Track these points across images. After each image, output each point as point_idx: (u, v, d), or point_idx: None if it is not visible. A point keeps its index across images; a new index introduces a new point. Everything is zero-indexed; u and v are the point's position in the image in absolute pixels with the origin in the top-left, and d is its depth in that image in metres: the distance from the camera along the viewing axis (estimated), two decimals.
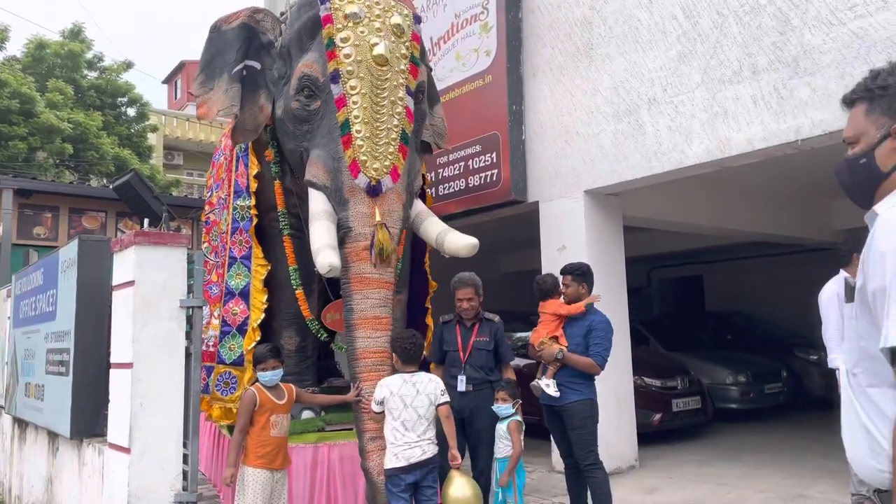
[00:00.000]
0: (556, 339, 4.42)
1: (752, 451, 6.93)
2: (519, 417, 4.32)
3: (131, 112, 20.57)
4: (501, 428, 4.31)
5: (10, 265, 9.21)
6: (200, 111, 4.82)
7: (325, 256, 3.93)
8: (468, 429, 4.54)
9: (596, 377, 4.50)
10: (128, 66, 20.20)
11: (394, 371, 4.04)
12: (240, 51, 4.85)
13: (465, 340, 4.61)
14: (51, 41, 18.81)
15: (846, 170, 1.63)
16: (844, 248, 4.43)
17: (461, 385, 4.53)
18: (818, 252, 10.14)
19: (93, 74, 19.76)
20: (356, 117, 4.20)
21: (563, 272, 4.62)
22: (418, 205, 4.79)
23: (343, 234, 4.17)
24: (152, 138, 21.48)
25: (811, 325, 10.37)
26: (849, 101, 1.63)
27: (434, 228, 4.70)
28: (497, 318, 4.71)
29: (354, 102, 4.23)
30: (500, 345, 4.66)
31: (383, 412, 3.87)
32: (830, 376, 9.29)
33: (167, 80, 31.73)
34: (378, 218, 4.13)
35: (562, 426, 4.47)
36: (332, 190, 4.24)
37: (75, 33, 19.39)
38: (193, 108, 26.74)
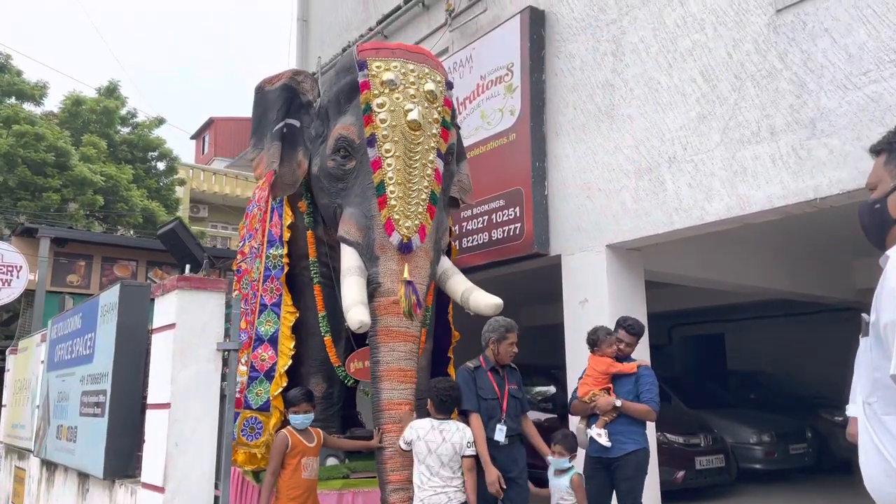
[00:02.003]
0: (607, 391, 4.45)
1: None
2: (578, 470, 4.21)
3: (161, 166, 21.19)
4: (562, 484, 4.16)
5: (43, 311, 9.47)
6: (256, 173, 5.18)
7: (357, 314, 4.10)
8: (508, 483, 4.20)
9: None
10: (160, 122, 20.92)
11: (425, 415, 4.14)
12: (280, 110, 5.15)
13: (501, 388, 4.38)
14: (87, 97, 19.57)
15: (866, 213, 1.77)
16: None
17: (500, 435, 4.25)
18: (840, 312, 10.12)
19: (126, 130, 20.48)
20: (390, 178, 4.43)
21: (629, 332, 4.68)
22: (445, 262, 4.96)
23: (373, 290, 4.36)
24: (179, 191, 22.04)
25: (835, 385, 10.24)
26: (875, 151, 1.79)
27: (460, 286, 4.85)
28: (516, 366, 4.60)
29: (389, 164, 4.46)
30: (523, 394, 4.57)
31: (411, 451, 3.96)
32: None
33: (196, 136, 32.65)
34: (406, 275, 4.31)
35: (606, 478, 4.40)
36: (364, 246, 4.44)
37: (111, 90, 20.18)
38: (219, 162, 27.42)
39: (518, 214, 6.85)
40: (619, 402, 4.31)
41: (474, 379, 4.39)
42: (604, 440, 4.32)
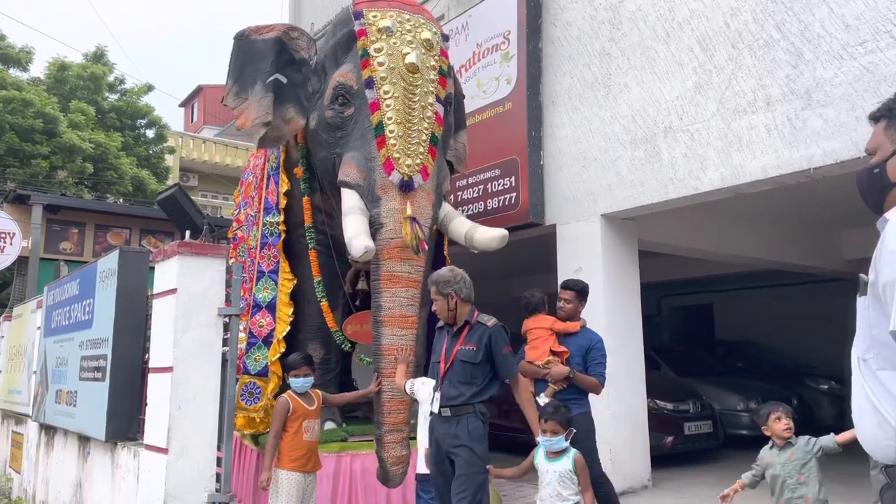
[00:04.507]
0: (557, 354, 4.32)
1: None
2: (576, 451, 3.55)
3: (150, 133, 20.95)
4: (557, 468, 3.47)
5: (37, 278, 9.46)
6: (239, 122, 5.00)
7: (361, 240, 4.07)
8: (440, 467, 3.64)
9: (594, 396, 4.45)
10: (148, 88, 20.64)
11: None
12: (274, 63, 5.01)
13: (448, 350, 3.70)
14: (73, 63, 19.25)
15: (864, 178, 1.82)
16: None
17: (435, 405, 3.64)
18: (828, 283, 10.27)
19: (114, 97, 20.19)
20: (389, 118, 4.45)
21: (565, 287, 4.58)
22: (446, 206, 4.97)
23: (375, 231, 4.34)
24: (169, 160, 21.83)
25: (821, 354, 10.40)
26: (874, 118, 1.83)
27: (462, 226, 4.87)
28: (491, 322, 3.72)
29: (388, 105, 4.47)
30: (495, 355, 3.63)
31: (409, 397, 3.99)
32: (841, 405, 9.37)
33: (184, 104, 32.21)
34: (409, 212, 4.31)
35: None
36: (365, 188, 4.45)
37: (98, 56, 19.84)
38: (209, 130, 27.10)
39: (513, 184, 6.88)
40: (572, 374, 4.23)
41: (434, 341, 3.94)
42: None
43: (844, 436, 3.29)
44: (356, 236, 4.13)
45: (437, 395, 3.63)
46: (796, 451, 3.51)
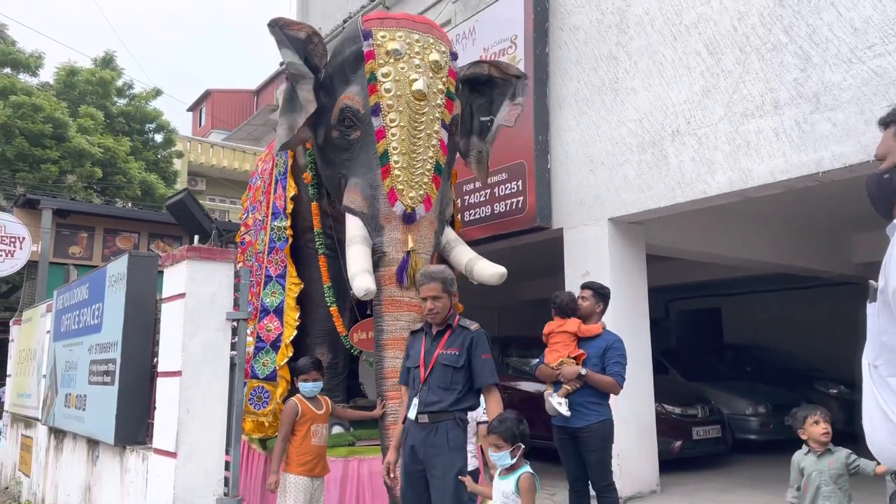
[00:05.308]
0: (574, 358, 4.30)
1: (774, 480, 6.95)
2: (529, 468, 3.17)
3: (158, 138, 21.07)
4: (505, 487, 3.15)
5: (46, 282, 9.53)
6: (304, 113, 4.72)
7: (362, 281, 4.12)
8: (410, 478, 3.50)
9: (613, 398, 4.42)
10: (157, 93, 20.76)
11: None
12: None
13: (428, 354, 3.55)
14: (82, 68, 19.40)
15: (874, 183, 1.81)
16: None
17: (411, 411, 3.50)
18: (837, 286, 10.22)
19: (122, 101, 20.32)
20: (394, 148, 4.45)
21: (584, 286, 4.65)
22: (449, 233, 4.99)
23: (377, 259, 4.38)
24: (177, 164, 21.94)
25: (830, 358, 10.34)
26: (884, 123, 1.83)
27: (464, 256, 4.88)
28: (475, 327, 3.57)
29: (393, 134, 4.47)
30: (474, 360, 3.47)
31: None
32: (851, 410, 9.30)
33: (192, 108, 32.37)
34: (411, 244, 4.35)
35: (574, 449, 4.30)
36: (369, 216, 4.46)
37: (107, 61, 19.99)
38: (217, 135, 27.19)
39: (521, 188, 6.88)
40: (583, 371, 4.20)
41: (409, 345, 3.83)
42: (564, 409, 4.17)
43: (884, 468, 3.22)
44: (359, 274, 4.17)
45: (416, 400, 3.49)
46: (836, 461, 3.44)
